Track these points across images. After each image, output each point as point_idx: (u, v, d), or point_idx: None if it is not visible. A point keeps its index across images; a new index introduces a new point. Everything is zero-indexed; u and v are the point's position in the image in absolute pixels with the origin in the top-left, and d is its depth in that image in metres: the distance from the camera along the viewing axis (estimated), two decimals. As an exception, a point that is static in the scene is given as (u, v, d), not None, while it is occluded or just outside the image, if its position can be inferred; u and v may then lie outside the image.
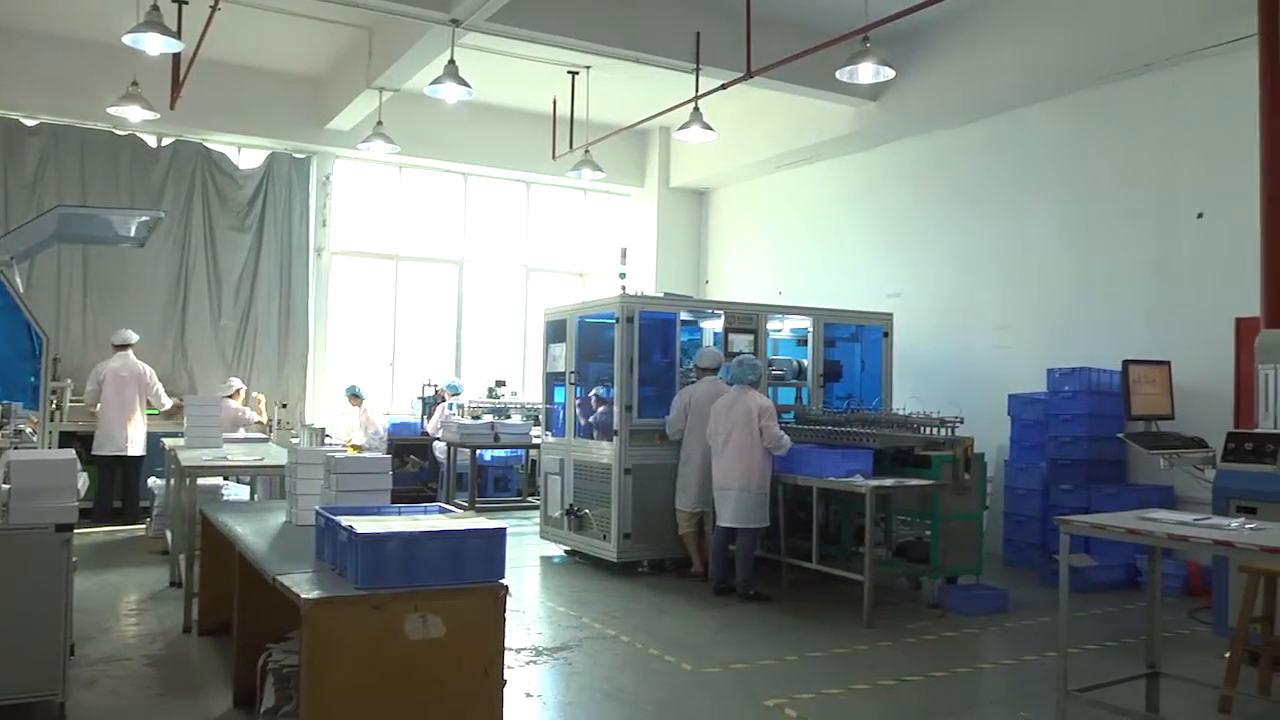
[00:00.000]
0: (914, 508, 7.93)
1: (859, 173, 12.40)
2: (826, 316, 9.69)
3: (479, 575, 3.63)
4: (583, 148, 12.14)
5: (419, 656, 3.48)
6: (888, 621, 7.07)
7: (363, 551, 3.47)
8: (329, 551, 3.83)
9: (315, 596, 3.40)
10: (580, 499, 9.02)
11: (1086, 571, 8.20)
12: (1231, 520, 4.79)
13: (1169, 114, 8.97)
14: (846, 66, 8.12)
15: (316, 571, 3.78)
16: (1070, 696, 4.78)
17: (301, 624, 3.36)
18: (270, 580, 3.71)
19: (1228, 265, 8.15)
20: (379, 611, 3.43)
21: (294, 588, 3.48)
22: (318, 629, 3.35)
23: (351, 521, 3.67)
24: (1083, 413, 8.81)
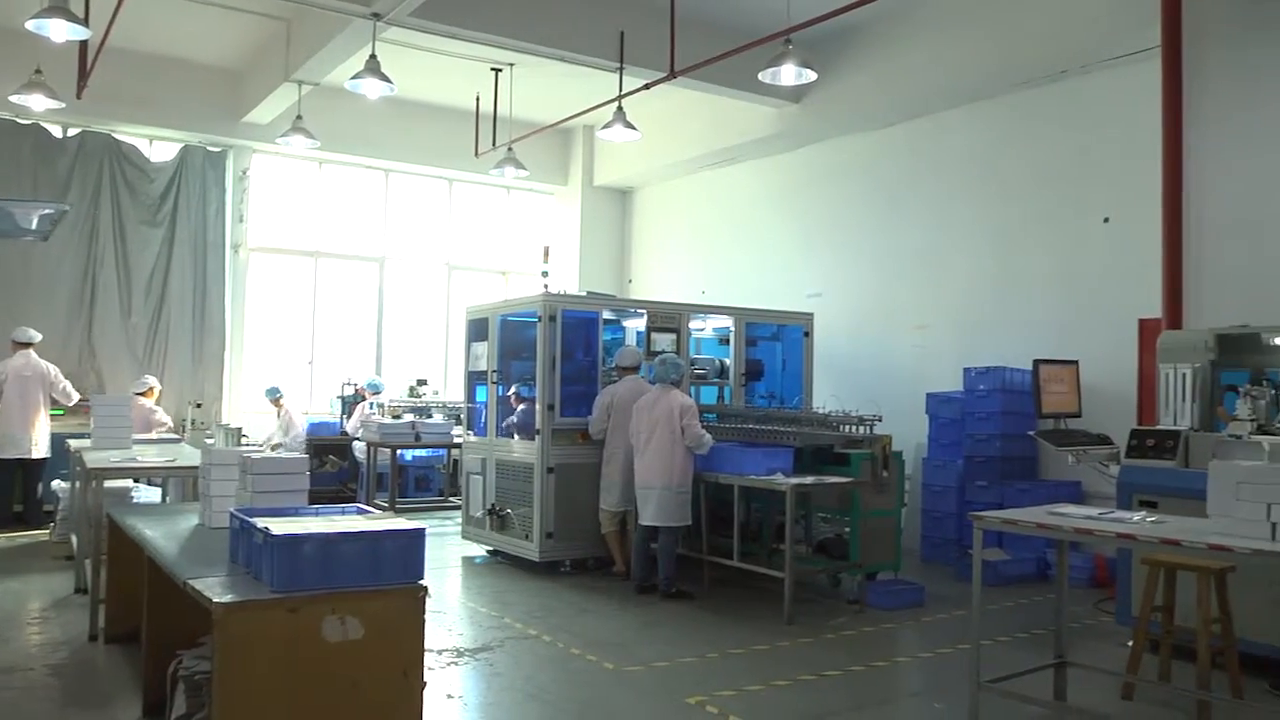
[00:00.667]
0: (834, 505, 8.03)
1: (782, 173, 12.53)
2: (748, 316, 9.77)
3: (398, 576, 3.59)
4: (506, 145, 12.07)
5: (337, 659, 3.43)
6: (808, 618, 7.16)
7: (278, 553, 3.40)
8: (244, 554, 3.75)
9: (228, 600, 3.32)
10: (502, 498, 8.97)
11: (1000, 565, 8.42)
12: (1134, 514, 4.96)
13: (1080, 121, 9.24)
14: (769, 68, 8.19)
15: (230, 575, 3.69)
16: (982, 687, 4.90)
17: (213, 629, 3.28)
18: (181, 584, 3.62)
19: (1132, 269, 8.42)
20: (295, 614, 3.37)
21: (206, 591, 3.40)
22: (230, 633, 3.28)
23: (267, 523, 3.59)
24: (997, 411, 9.04)
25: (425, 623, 3.67)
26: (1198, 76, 7.60)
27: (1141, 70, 8.23)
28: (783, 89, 10.48)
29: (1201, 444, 6.21)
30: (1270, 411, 6.28)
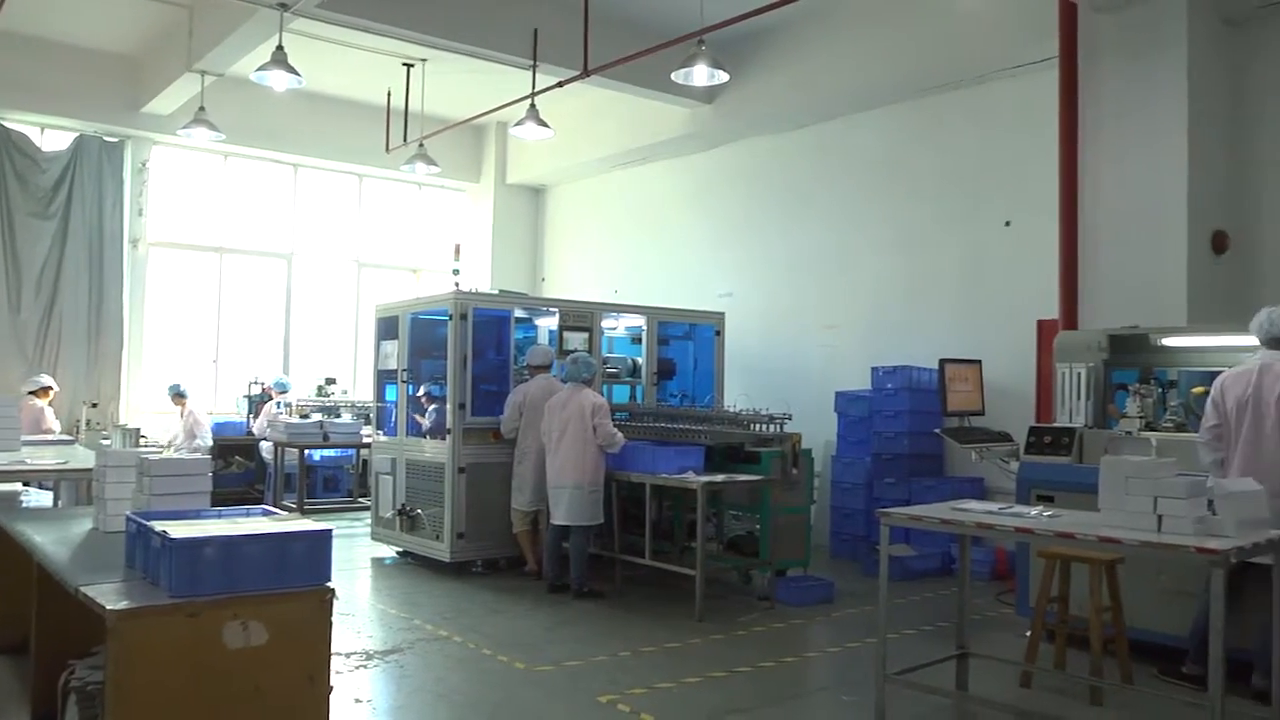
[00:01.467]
0: (744, 503, 8.12)
1: (694, 173, 12.62)
2: (660, 315, 9.81)
3: (304, 579, 3.51)
4: (417, 141, 11.92)
5: (239, 666, 3.34)
6: (719, 615, 7.23)
7: (177, 557, 3.30)
8: (140, 559, 3.63)
9: (123, 607, 3.20)
10: (413, 499, 8.86)
11: (906, 560, 8.61)
12: (1032, 509, 5.13)
13: (983, 127, 9.49)
14: (682, 69, 8.25)
15: (126, 581, 3.57)
16: (889, 679, 5.00)
17: (107, 637, 3.17)
18: (72, 591, 3.48)
19: (1032, 271, 8.68)
20: (195, 620, 3.27)
21: (99, 599, 3.28)
22: (125, 642, 3.16)
23: (165, 526, 3.48)
24: (904, 409, 9.23)
25: (332, 625, 3.59)
26: (1091, 88, 7.87)
27: (1040, 80, 8.49)
28: (695, 89, 10.56)
29: (1095, 440, 6.44)
30: (1157, 409, 6.55)
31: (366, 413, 11.92)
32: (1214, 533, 4.20)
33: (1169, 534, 4.22)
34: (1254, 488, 4.51)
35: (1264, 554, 4.35)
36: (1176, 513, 4.22)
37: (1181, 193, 7.36)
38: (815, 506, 8.92)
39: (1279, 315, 5.42)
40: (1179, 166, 7.37)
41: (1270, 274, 7.63)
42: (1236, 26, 7.81)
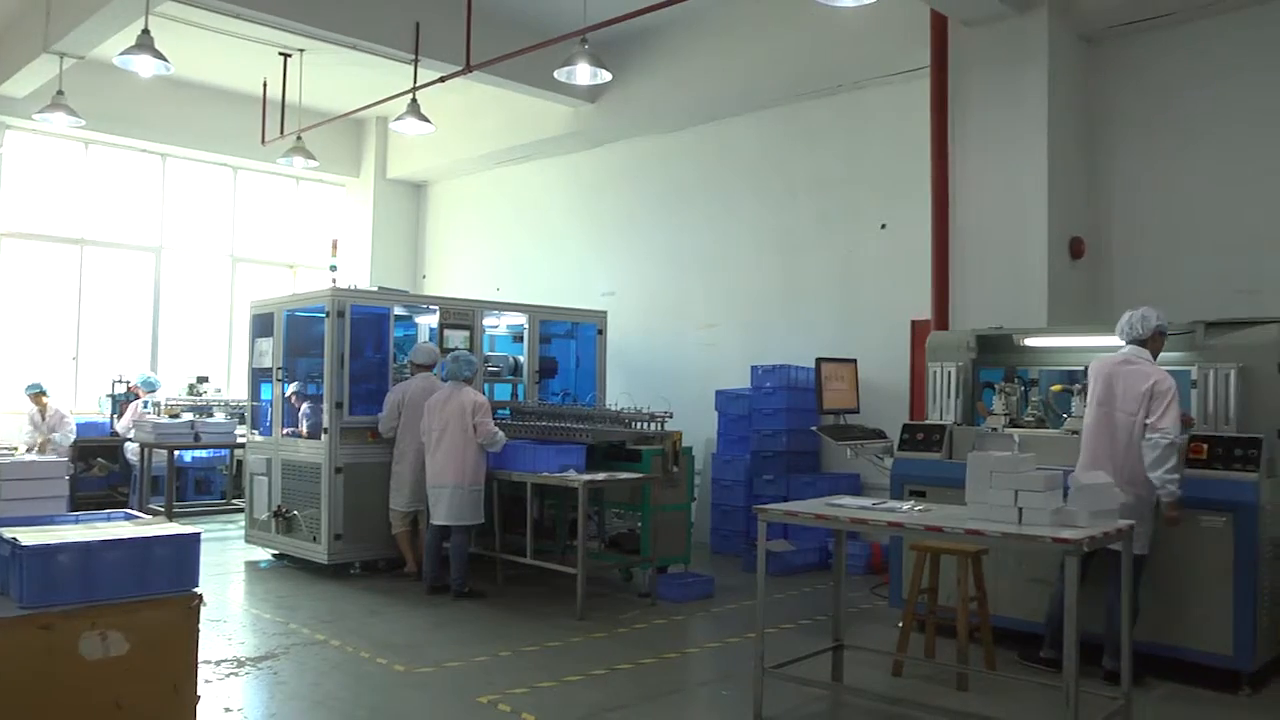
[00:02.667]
0: (626, 500, 8.17)
1: (577, 172, 12.62)
2: (542, 313, 9.79)
3: (168, 585, 3.39)
4: (294, 134, 11.59)
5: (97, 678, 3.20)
6: (601, 612, 7.25)
7: (29, 565, 3.15)
8: (-11, 568, 3.45)
9: (-30, 619, 3.05)
10: (289, 500, 8.63)
11: (785, 556, 8.78)
12: (904, 504, 5.29)
13: (859, 132, 9.74)
14: (564, 67, 8.24)
15: (-27, 591, 3.39)
16: (767, 673, 5.11)
17: (-48, 650, 3.01)
18: (-86, 603, 3.29)
19: (906, 272, 8.95)
20: (49, 632, 3.12)
21: (-56, 610, 3.11)
22: (-27, 655, 3.01)
23: (16, 533, 3.32)
24: (782, 407, 9.41)
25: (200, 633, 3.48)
26: (961, 98, 8.18)
27: (914, 88, 8.75)
28: (578, 88, 10.56)
29: (963, 437, 6.69)
30: (1020, 406, 6.84)
31: (241, 412, 11.54)
32: (1069, 523, 4.42)
33: (1029, 525, 4.42)
34: (1105, 480, 4.75)
35: (1114, 542, 4.60)
36: (1035, 505, 4.42)
37: (1042, 201, 7.72)
38: (696, 504, 9.03)
39: (1141, 316, 5.75)
40: (1040, 176, 7.73)
41: (1121, 278, 8.07)
42: (1093, 44, 8.22)
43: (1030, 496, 4.44)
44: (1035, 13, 7.78)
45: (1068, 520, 4.44)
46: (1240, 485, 5.55)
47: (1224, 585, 5.56)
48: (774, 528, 8.54)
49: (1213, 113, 7.69)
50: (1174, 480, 5.40)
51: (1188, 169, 7.80)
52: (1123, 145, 8.14)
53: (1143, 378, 5.55)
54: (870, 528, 4.95)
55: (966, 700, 5.40)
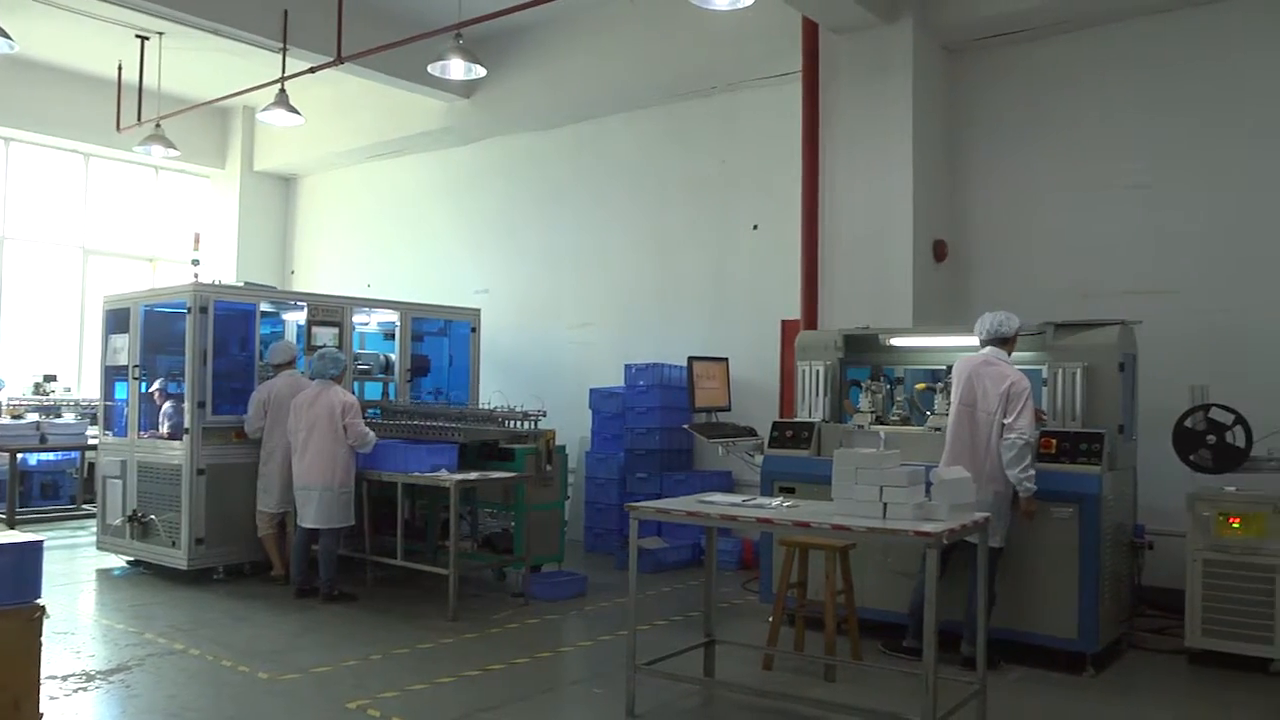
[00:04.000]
0: (499, 500, 8.10)
1: (452, 168, 12.45)
2: (414, 311, 9.62)
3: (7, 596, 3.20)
4: (154, 121, 11.10)
5: (-73, 696, 3.01)
6: (473, 613, 7.17)
7: None
8: None
9: None
10: (145, 504, 8.27)
11: (658, 553, 8.85)
12: (774, 500, 5.40)
13: (732, 134, 9.88)
14: (439, 61, 8.14)
15: None
16: (639, 670, 5.14)
17: None
18: None
19: (777, 273, 9.12)
20: None
21: None
22: None
23: None
24: (656, 406, 9.48)
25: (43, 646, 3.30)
26: (831, 104, 8.40)
27: (787, 91, 8.93)
28: (453, 83, 10.44)
29: (831, 434, 6.86)
30: (886, 404, 7.06)
31: (93, 412, 10.99)
32: (930, 517, 4.58)
33: (892, 520, 4.56)
34: (964, 475, 4.94)
35: (971, 534, 4.79)
36: (898, 500, 4.57)
37: (907, 205, 7.99)
38: (570, 502, 9.03)
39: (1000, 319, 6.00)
40: (905, 181, 8.00)
41: (981, 280, 8.42)
42: (955, 55, 8.55)
43: (894, 492, 4.58)
44: (901, 23, 8.04)
45: (929, 514, 4.60)
46: (1085, 478, 5.86)
47: (1070, 573, 5.86)
48: (647, 525, 8.60)
49: (1065, 123, 8.08)
50: (1029, 477, 5.68)
51: (1042, 177, 8.19)
52: (982, 152, 8.48)
53: (1001, 378, 5.80)
54: (740, 524, 5.03)
55: (834, 691, 5.54)
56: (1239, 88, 7.41)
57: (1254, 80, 7.35)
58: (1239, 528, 5.94)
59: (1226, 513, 5.98)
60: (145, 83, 11.17)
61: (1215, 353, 7.14)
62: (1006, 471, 5.72)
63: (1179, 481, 6.37)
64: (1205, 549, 6.03)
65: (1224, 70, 7.46)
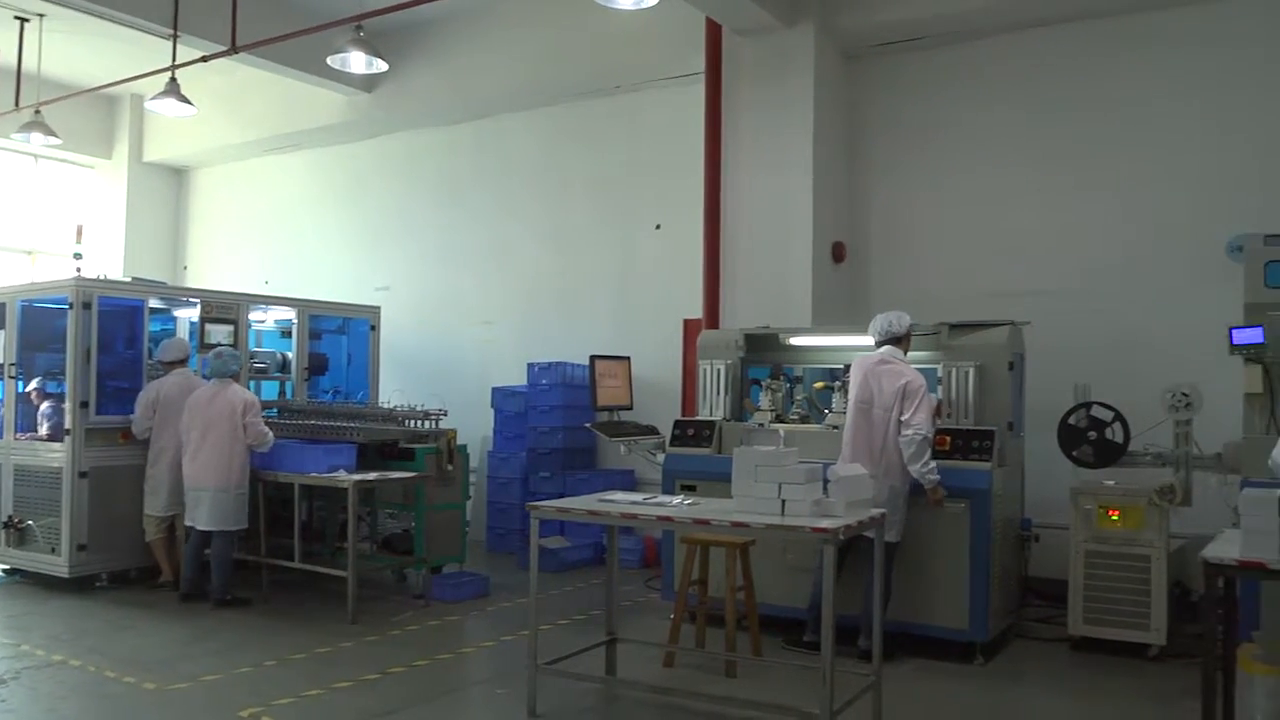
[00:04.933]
0: (399, 500, 7.98)
1: (353, 163, 12.19)
2: (312, 308, 9.42)
3: None
4: (33, 107, 10.61)
5: None
6: (373, 616, 7.05)
7: None
8: None
9: None
10: (21, 508, 7.92)
11: (560, 552, 8.82)
12: (675, 498, 5.44)
13: (636, 133, 9.90)
14: (338, 54, 7.99)
15: None
16: (541, 670, 5.12)
17: None
18: None
19: (679, 273, 9.17)
20: None
21: None
22: None
23: None
24: (558, 404, 9.45)
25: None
26: (733, 105, 8.49)
27: (691, 92, 8.97)
28: (354, 77, 10.25)
29: (732, 432, 6.93)
30: (785, 403, 7.16)
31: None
32: (828, 513, 4.66)
33: (790, 516, 4.62)
34: (860, 472, 5.04)
35: (868, 530, 4.89)
36: (797, 497, 4.64)
37: (807, 206, 8.13)
38: (471, 502, 8.94)
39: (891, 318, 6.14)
40: (805, 182, 8.14)
41: (877, 281, 8.62)
42: (854, 60, 8.73)
43: (792, 489, 4.65)
44: (802, 28, 8.18)
45: (827, 511, 4.68)
46: (977, 474, 6.04)
47: (961, 566, 6.04)
48: (549, 524, 8.57)
49: (959, 129, 8.33)
50: (931, 469, 5.85)
51: (937, 180, 8.42)
52: (880, 156, 8.68)
53: (897, 377, 5.94)
54: (641, 522, 5.05)
55: (734, 686, 5.60)
56: (1118, 97, 7.75)
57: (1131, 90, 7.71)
58: (1118, 520, 6.20)
59: (1106, 505, 6.24)
60: (25, 67, 10.68)
61: (1097, 352, 7.43)
62: (908, 466, 5.87)
63: (1064, 476, 6.62)
64: (1087, 540, 6.28)
65: (1106, 80, 7.79)
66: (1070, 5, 7.71)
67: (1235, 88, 7.36)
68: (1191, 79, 7.51)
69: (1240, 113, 7.35)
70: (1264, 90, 7.28)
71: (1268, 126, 7.25)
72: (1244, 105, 7.34)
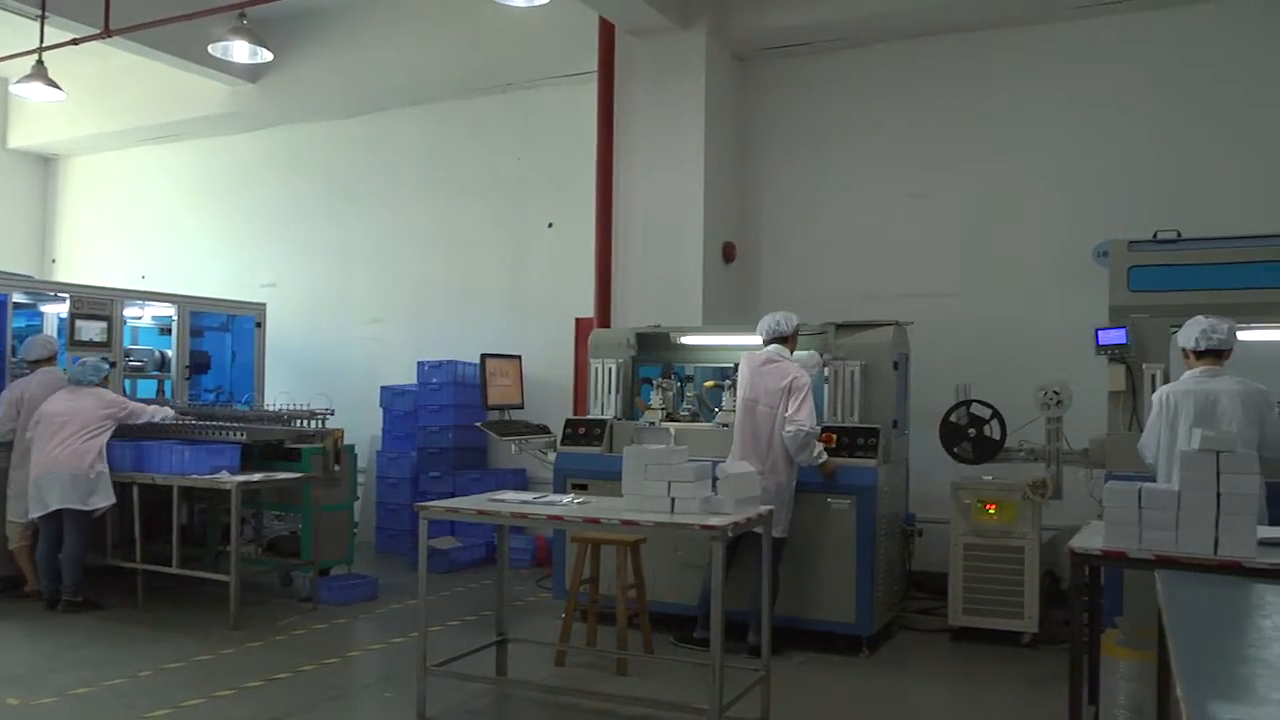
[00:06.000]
0: (285, 502, 7.79)
1: (237, 155, 11.81)
2: (194, 304, 9.11)
3: None
4: (-118, 89, 10.01)
5: None
6: (257, 621, 6.87)
7: None
8: None
9: None
10: None
11: (451, 553, 8.74)
12: (565, 497, 5.43)
13: (528, 131, 9.85)
14: (221, 42, 7.75)
15: None
16: (430, 672, 5.06)
17: None
18: None
19: (571, 271, 9.16)
20: None
21: None
22: None
23: None
24: (449, 403, 9.35)
25: None
26: (626, 105, 8.53)
27: (584, 90, 8.96)
28: (237, 66, 9.91)
29: (623, 431, 6.95)
30: (676, 401, 7.23)
31: None
32: (716, 511, 4.72)
33: (680, 514, 4.67)
34: (748, 470, 5.12)
35: (755, 526, 4.97)
36: (686, 495, 4.69)
37: (698, 206, 8.23)
38: (360, 503, 8.79)
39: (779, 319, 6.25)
40: (696, 182, 8.23)
41: (767, 281, 8.77)
42: (746, 63, 8.86)
43: (681, 487, 4.70)
44: (695, 29, 8.26)
45: (715, 508, 4.74)
46: (862, 471, 6.20)
47: (848, 561, 6.19)
48: (440, 525, 8.49)
49: (845, 133, 8.54)
50: (819, 453, 6.03)
51: (826, 183, 8.61)
52: (771, 158, 8.83)
53: (782, 375, 6.05)
54: (531, 521, 5.03)
55: (625, 684, 5.63)
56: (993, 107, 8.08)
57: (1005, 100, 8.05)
58: (994, 513, 6.44)
59: (983, 500, 6.48)
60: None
61: (977, 351, 7.69)
62: (798, 459, 5.99)
63: (946, 472, 6.84)
64: (966, 534, 6.51)
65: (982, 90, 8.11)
66: (949, 17, 7.98)
67: (1102, 102, 7.73)
68: (1062, 92, 7.86)
69: (1107, 125, 7.71)
70: (1128, 105, 7.67)
71: (1133, 138, 7.63)
72: (1110, 118, 7.71)
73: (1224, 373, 5.00)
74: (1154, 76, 7.61)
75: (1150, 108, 7.61)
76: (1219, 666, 2.21)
